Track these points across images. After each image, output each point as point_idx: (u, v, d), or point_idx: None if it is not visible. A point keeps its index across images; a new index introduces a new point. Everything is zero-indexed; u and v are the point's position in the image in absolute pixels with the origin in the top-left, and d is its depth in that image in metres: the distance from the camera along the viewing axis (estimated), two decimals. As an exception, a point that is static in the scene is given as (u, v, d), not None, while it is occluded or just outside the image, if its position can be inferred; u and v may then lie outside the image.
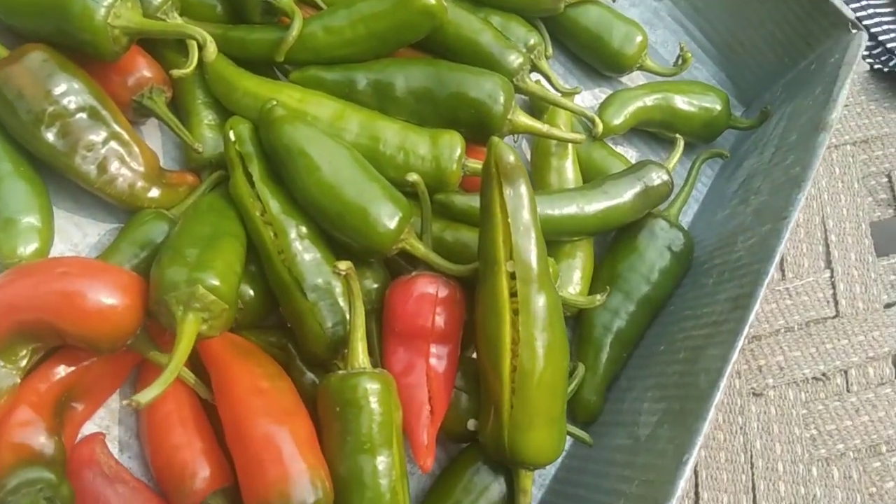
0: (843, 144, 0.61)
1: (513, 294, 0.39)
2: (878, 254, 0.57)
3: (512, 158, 0.39)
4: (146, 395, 0.31)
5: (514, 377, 0.38)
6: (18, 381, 0.34)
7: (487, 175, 0.40)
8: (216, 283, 0.36)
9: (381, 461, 0.36)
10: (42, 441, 0.34)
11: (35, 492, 0.32)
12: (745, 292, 0.41)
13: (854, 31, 0.53)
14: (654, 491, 0.36)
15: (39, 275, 0.34)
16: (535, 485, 0.45)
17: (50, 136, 0.40)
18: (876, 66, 0.65)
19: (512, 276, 0.39)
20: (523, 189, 0.39)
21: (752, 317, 0.40)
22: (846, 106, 0.63)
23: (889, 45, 0.66)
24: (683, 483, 0.35)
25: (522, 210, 0.39)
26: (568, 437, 0.44)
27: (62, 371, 0.36)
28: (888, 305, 0.55)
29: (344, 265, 0.37)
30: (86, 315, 0.34)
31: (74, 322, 0.34)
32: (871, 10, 0.68)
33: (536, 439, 0.39)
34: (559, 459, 0.46)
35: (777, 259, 0.42)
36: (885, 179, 0.61)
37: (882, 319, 0.54)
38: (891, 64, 0.65)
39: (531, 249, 0.39)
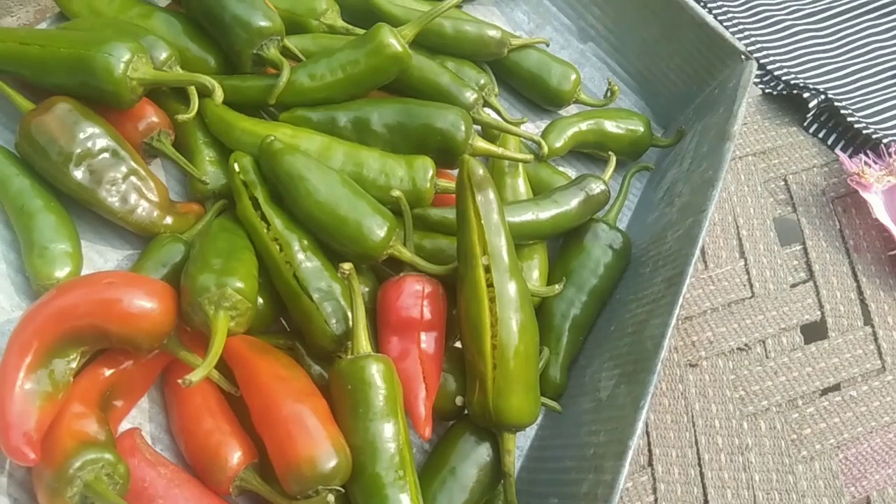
0: (746, 156, 0.72)
1: (489, 284, 0.47)
2: (781, 244, 0.67)
3: (481, 171, 0.48)
4: (196, 375, 0.37)
5: (495, 353, 0.46)
6: (71, 379, 0.40)
7: (461, 186, 0.47)
8: (241, 285, 0.42)
9: (389, 428, 0.43)
10: (96, 429, 0.39)
11: (98, 468, 0.37)
12: (677, 272, 0.50)
13: (746, 60, 0.64)
14: (619, 434, 0.44)
15: (89, 286, 0.40)
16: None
17: (78, 174, 0.46)
18: (767, 91, 0.77)
19: (487, 269, 0.47)
20: (492, 196, 0.47)
21: (684, 289, 0.48)
22: (745, 124, 0.74)
23: (776, 73, 0.78)
24: (642, 423, 0.43)
25: (492, 213, 0.47)
26: (541, 410, 0.51)
27: (105, 372, 0.41)
28: (793, 285, 0.65)
29: (347, 266, 0.44)
30: (130, 317, 0.40)
31: (120, 324, 0.40)
32: (759, 45, 0.80)
33: (517, 403, 0.46)
34: (534, 431, 0.54)
35: (700, 244, 0.51)
36: (783, 183, 0.72)
37: (789, 296, 0.64)
38: (778, 88, 0.77)
39: (502, 245, 0.47)
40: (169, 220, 0.49)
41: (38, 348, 0.38)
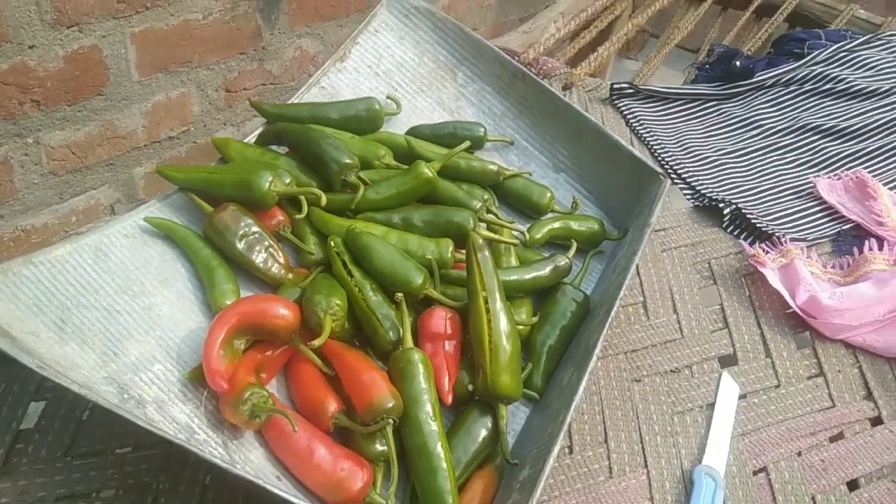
0: (679, 247, 1.01)
1: (487, 309, 0.74)
2: (704, 305, 0.94)
3: (481, 241, 0.77)
4: (318, 342, 0.65)
5: (490, 350, 0.72)
6: (241, 354, 0.68)
7: (468, 249, 0.77)
8: (339, 302, 0.71)
9: (425, 391, 0.68)
10: (255, 381, 0.66)
11: (259, 396, 0.64)
12: (609, 307, 0.77)
13: (663, 179, 0.94)
14: (567, 394, 0.69)
15: (254, 302, 0.69)
16: (508, 435, 0.76)
17: (240, 245, 0.77)
18: (696, 204, 1.08)
19: (485, 301, 0.75)
20: (487, 255, 0.76)
21: (612, 314, 0.75)
22: (678, 226, 1.03)
23: (702, 191, 1.09)
24: (585, 383, 0.68)
25: (488, 265, 0.75)
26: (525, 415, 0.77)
27: (258, 354, 0.69)
28: (713, 331, 0.90)
29: (399, 295, 0.73)
30: (275, 319, 0.68)
31: (269, 323, 0.68)
32: (690, 172, 1.12)
33: (505, 383, 0.71)
34: (524, 421, 0.79)
35: (624, 286, 0.78)
36: (707, 265, 0.99)
37: (709, 338, 0.89)
38: (703, 202, 1.07)
39: (495, 285, 0.75)
40: (290, 276, 0.79)
41: (226, 332, 0.67)
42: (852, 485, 0.76)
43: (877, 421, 0.83)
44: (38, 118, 1.29)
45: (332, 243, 0.80)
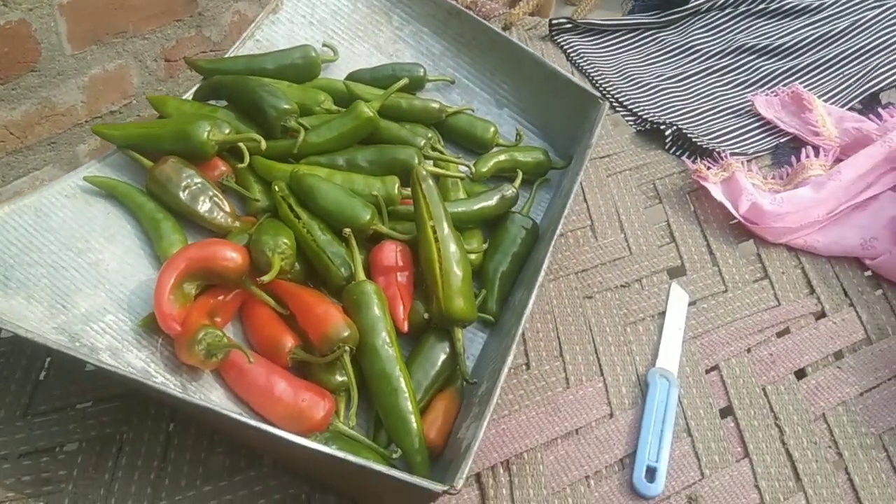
0: (624, 171, 1.03)
1: (435, 238, 0.75)
2: (651, 223, 0.96)
3: (424, 172, 0.78)
4: (267, 278, 0.66)
5: (441, 275, 0.73)
6: (193, 299, 0.68)
7: (412, 181, 0.77)
8: (286, 241, 0.71)
9: (380, 320, 0.69)
10: (209, 322, 0.67)
11: (213, 335, 0.64)
12: (554, 226, 0.79)
13: (601, 102, 0.96)
14: (518, 311, 0.71)
15: (203, 247, 0.69)
16: (465, 359, 0.78)
17: (183, 196, 0.77)
18: (638, 129, 1.09)
19: (433, 229, 0.76)
20: (431, 183, 0.76)
21: (557, 231, 0.77)
22: (622, 151, 1.05)
23: (643, 115, 1.11)
24: (534, 298, 0.70)
25: (433, 193, 0.76)
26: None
27: (211, 298, 0.70)
28: (660, 246, 0.93)
29: (346, 230, 0.74)
30: (224, 261, 0.69)
31: (217, 266, 0.69)
32: (630, 98, 1.14)
33: (458, 306, 0.72)
34: (482, 345, 0.80)
35: (567, 207, 0.80)
36: (652, 186, 1.01)
37: (657, 252, 0.92)
38: (645, 126, 1.09)
39: (441, 214, 0.75)
40: (237, 224, 0.79)
41: (176, 277, 0.67)
42: (800, 374, 0.80)
43: (820, 315, 0.86)
44: (-31, 99, 1.25)
45: (277, 188, 0.80)
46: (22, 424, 0.66)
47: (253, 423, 0.55)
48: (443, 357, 0.73)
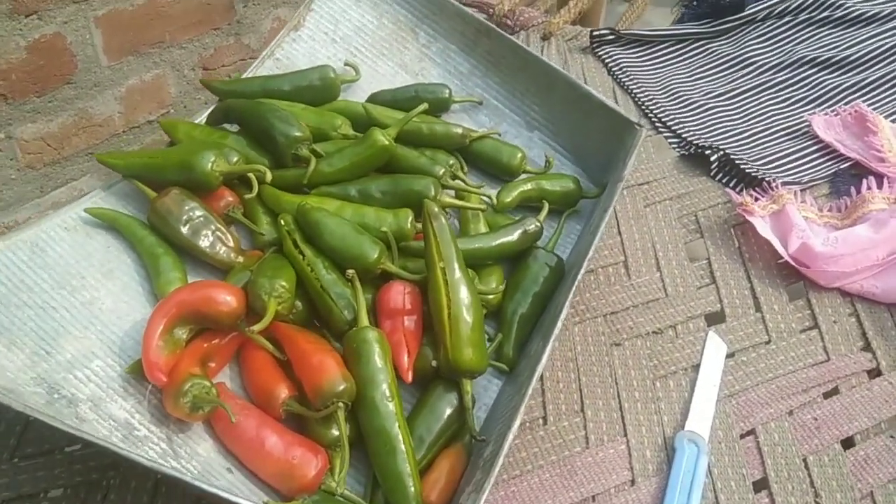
0: (664, 200, 0.95)
1: (445, 280, 0.70)
2: (690, 260, 0.88)
3: (436, 209, 0.72)
4: (258, 327, 0.62)
5: (450, 323, 0.68)
6: (184, 345, 0.65)
7: (424, 219, 0.72)
8: (285, 284, 0.67)
9: (381, 371, 0.64)
10: (199, 371, 0.63)
11: (201, 387, 0.61)
12: (579, 265, 0.73)
13: (639, 129, 0.88)
14: (532, 363, 0.65)
15: (196, 289, 0.66)
16: (478, 409, 0.72)
17: (185, 230, 0.73)
18: (681, 153, 1.01)
19: (443, 271, 0.71)
20: (444, 222, 0.71)
21: (580, 276, 0.71)
22: (664, 177, 0.97)
23: (687, 138, 1.02)
24: (549, 350, 0.63)
25: (445, 233, 0.71)
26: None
27: (204, 343, 0.66)
28: (699, 288, 0.85)
29: (350, 272, 0.69)
30: (218, 306, 0.65)
31: (212, 311, 0.65)
32: (675, 119, 1.06)
33: (468, 356, 0.67)
34: (496, 394, 0.75)
35: (594, 245, 0.73)
36: (693, 218, 0.93)
37: (695, 295, 0.84)
38: (689, 150, 1.01)
39: (452, 254, 0.70)
40: (240, 259, 0.75)
41: (166, 323, 0.64)
42: (847, 443, 0.71)
43: (875, 373, 0.77)
44: (6, 112, 1.26)
45: (282, 221, 0.76)
46: (7, 468, 0.64)
47: (224, 494, 0.51)
48: (449, 410, 0.68)
